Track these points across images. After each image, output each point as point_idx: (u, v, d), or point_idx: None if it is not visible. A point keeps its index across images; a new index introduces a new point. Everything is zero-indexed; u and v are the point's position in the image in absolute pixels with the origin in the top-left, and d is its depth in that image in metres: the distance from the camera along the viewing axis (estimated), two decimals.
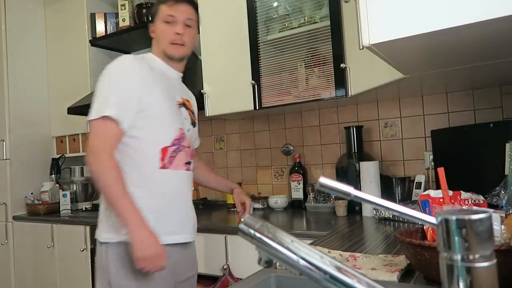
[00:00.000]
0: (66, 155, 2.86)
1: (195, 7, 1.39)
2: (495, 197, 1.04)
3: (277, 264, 0.64)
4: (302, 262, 0.43)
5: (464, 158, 1.55)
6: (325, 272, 0.42)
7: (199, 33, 2.19)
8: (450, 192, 0.88)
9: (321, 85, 1.82)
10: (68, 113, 2.52)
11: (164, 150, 1.24)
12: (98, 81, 1.22)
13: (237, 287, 0.83)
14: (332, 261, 0.42)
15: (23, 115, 2.73)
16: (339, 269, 0.42)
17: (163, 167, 1.24)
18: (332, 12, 1.76)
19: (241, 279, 0.98)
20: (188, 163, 1.32)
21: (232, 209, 2.21)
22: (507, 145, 1.20)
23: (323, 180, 0.44)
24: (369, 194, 1.52)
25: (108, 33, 2.66)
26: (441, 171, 0.85)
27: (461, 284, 0.39)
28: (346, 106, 2.11)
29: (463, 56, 1.11)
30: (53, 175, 2.81)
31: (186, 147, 1.30)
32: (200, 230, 1.81)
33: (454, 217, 0.39)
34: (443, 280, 0.40)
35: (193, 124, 1.40)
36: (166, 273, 1.20)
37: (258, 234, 0.47)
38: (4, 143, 2.63)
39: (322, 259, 0.43)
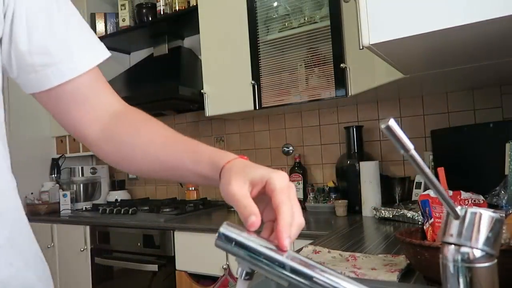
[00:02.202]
0: (66, 155, 2.86)
1: None
2: (495, 197, 1.04)
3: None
4: (290, 273, 0.40)
5: (464, 158, 1.54)
6: (318, 283, 0.39)
7: (198, 32, 2.21)
8: (450, 192, 0.88)
9: (321, 85, 1.82)
10: None
11: None
12: None
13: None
14: (325, 270, 0.40)
15: (24, 115, 2.73)
16: (334, 277, 0.40)
17: None
18: (332, 12, 1.76)
19: None
20: None
21: (232, 209, 2.21)
22: (507, 145, 1.20)
23: (392, 123, 0.35)
24: (370, 194, 1.50)
25: (108, 33, 2.66)
26: (441, 171, 0.85)
27: (461, 284, 0.38)
28: (346, 106, 2.10)
29: (463, 56, 1.10)
30: (53, 175, 2.81)
31: None
32: (200, 230, 1.81)
33: (485, 212, 0.38)
34: (443, 280, 0.40)
35: None
36: None
37: (238, 245, 0.42)
38: None
39: (312, 268, 0.40)
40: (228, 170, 0.49)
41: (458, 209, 0.40)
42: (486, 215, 0.38)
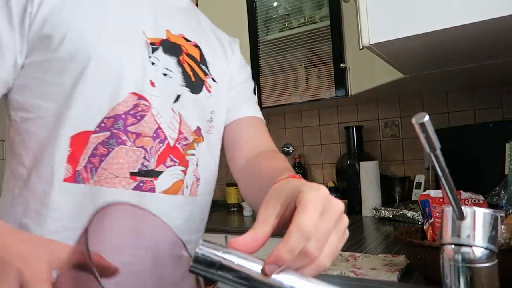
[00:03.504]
0: None
1: None
2: (495, 197, 1.04)
3: None
4: None
5: (464, 158, 1.54)
6: None
7: None
8: None
9: (321, 85, 1.82)
10: None
11: (78, 140, 0.61)
12: None
13: None
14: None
15: None
16: None
17: (73, 179, 0.60)
18: (332, 12, 1.76)
19: None
20: (150, 173, 0.64)
21: (232, 209, 2.21)
22: (507, 145, 1.20)
23: (427, 120, 0.33)
24: (370, 194, 1.51)
25: None
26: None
27: (462, 284, 0.38)
28: (346, 106, 2.10)
29: (463, 56, 1.11)
30: None
31: (146, 137, 0.64)
32: None
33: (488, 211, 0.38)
34: (443, 280, 0.40)
35: (196, 87, 0.72)
36: None
37: (221, 269, 0.34)
38: (4, 143, 2.63)
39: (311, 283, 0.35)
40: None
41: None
42: (484, 214, 0.38)
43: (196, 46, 0.74)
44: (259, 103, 1.96)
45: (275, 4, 1.96)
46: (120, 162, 0.62)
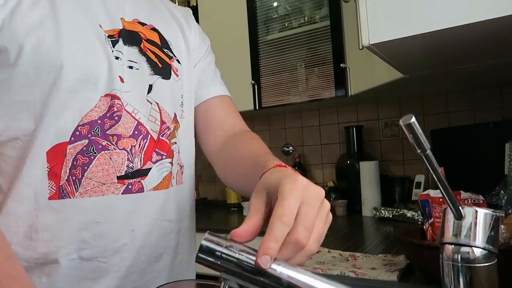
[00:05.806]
0: None
1: None
2: (495, 197, 1.04)
3: None
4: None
5: (464, 158, 1.55)
6: None
7: None
8: None
9: (321, 85, 1.82)
10: None
11: (55, 154, 0.58)
12: None
13: None
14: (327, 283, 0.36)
15: None
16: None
17: (57, 195, 0.57)
18: (332, 12, 1.76)
19: None
20: (136, 173, 0.62)
21: (232, 208, 2.21)
22: (507, 145, 1.20)
23: (414, 121, 0.33)
24: (370, 194, 1.51)
25: None
26: (441, 171, 0.85)
27: (461, 284, 0.39)
28: (346, 106, 2.10)
29: (463, 56, 1.11)
30: None
31: (126, 137, 0.62)
32: (200, 230, 1.81)
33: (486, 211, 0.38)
34: (443, 280, 0.40)
35: (165, 73, 0.70)
36: None
37: (223, 259, 0.37)
38: None
39: (309, 278, 0.36)
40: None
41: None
42: (485, 213, 0.38)
43: (154, 29, 0.71)
44: (259, 103, 1.96)
45: (275, 4, 1.96)
46: (105, 168, 0.59)
